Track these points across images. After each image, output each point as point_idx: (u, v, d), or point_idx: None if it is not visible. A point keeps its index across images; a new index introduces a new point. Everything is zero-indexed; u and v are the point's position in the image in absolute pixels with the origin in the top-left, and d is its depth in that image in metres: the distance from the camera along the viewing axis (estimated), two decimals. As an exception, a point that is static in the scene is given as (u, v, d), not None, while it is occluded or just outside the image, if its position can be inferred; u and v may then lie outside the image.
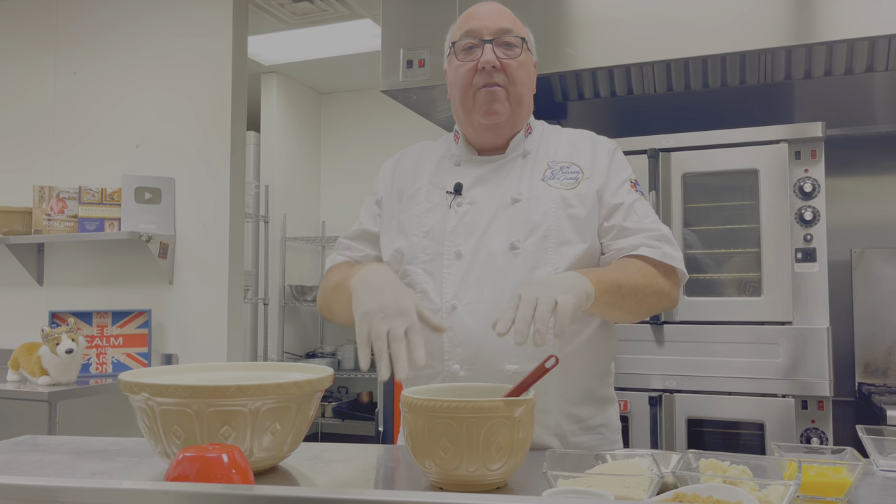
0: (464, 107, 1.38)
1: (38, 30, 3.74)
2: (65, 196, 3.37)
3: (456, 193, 1.37)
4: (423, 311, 1.14)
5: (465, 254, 1.32)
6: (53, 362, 2.85)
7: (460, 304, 1.29)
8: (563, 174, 1.37)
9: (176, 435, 0.97)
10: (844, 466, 0.90)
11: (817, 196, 2.17)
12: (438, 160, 1.46)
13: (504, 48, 1.35)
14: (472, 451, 0.92)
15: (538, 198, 1.34)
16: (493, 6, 1.39)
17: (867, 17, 2.08)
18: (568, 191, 1.35)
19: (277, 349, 5.25)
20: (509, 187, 1.36)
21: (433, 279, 1.33)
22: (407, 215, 1.40)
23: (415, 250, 1.36)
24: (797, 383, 2.10)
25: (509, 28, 1.36)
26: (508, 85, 1.34)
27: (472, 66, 1.34)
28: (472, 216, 1.35)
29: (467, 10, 1.40)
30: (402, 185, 1.46)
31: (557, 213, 1.33)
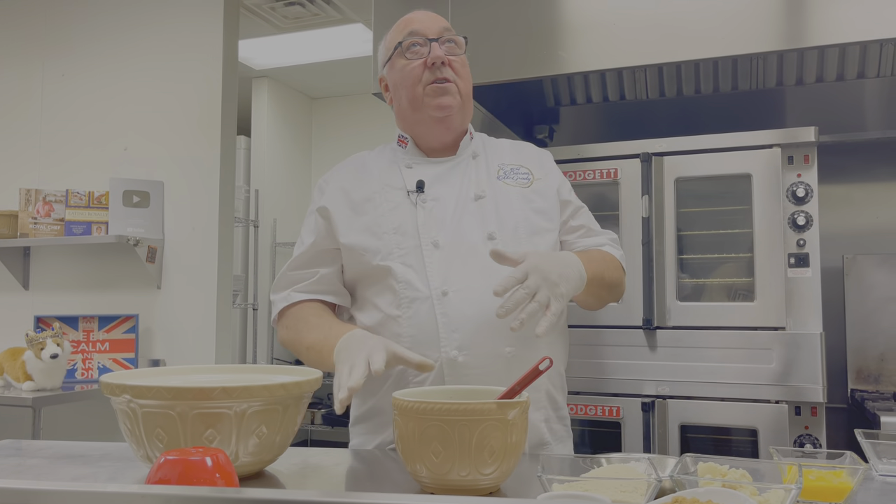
0: (412, 104, 1.39)
1: (25, 31, 3.70)
2: (52, 199, 3.33)
3: (419, 191, 1.38)
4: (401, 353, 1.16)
5: (443, 244, 1.33)
6: (38, 367, 2.80)
7: (451, 289, 1.29)
8: (515, 175, 1.43)
9: (159, 438, 0.94)
10: (845, 471, 0.88)
11: (810, 201, 2.16)
12: (387, 165, 1.45)
13: (448, 46, 1.39)
14: (465, 455, 0.90)
15: (499, 195, 1.39)
16: (430, 13, 1.44)
17: (859, 21, 2.08)
18: (525, 188, 1.42)
19: (266, 355, 5.21)
20: (469, 185, 1.40)
21: (413, 270, 1.32)
22: (368, 217, 1.38)
23: (389, 247, 1.35)
24: (790, 389, 2.09)
25: (450, 28, 1.41)
26: (457, 79, 1.38)
27: (419, 63, 1.37)
28: (440, 211, 1.36)
29: (402, 18, 1.44)
30: (351, 188, 1.43)
31: (522, 207, 1.39)
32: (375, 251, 1.35)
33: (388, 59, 1.43)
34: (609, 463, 0.92)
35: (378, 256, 1.35)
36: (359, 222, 1.38)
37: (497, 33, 2.46)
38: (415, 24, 1.40)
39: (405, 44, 1.38)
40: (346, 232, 1.39)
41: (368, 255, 1.35)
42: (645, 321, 2.23)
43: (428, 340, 1.28)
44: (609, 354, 2.27)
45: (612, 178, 2.33)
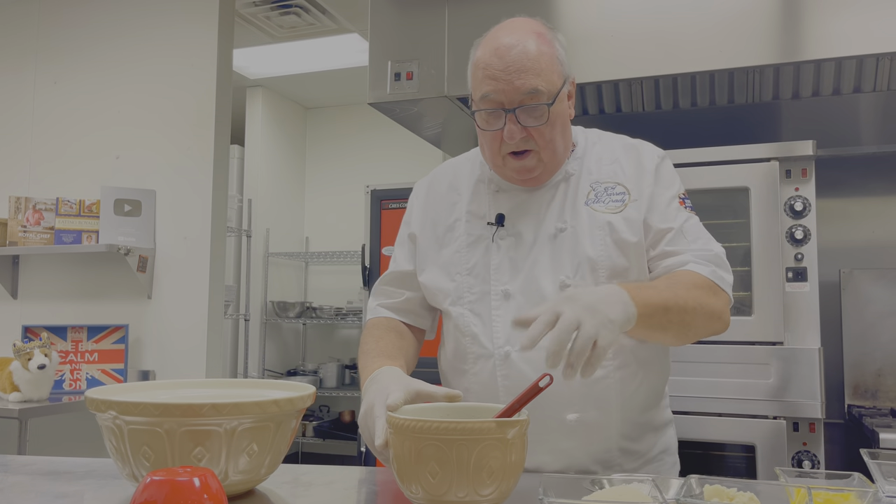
0: (493, 164, 1.28)
1: (18, 39, 3.67)
2: (41, 207, 3.29)
3: (498, 225, 1.28)
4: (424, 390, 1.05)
5: (513, 293, 1.24)
6: (25, 378, 2.76)
7: (513, 350, 1.22)
8: (607, 196, 1.27)
9: (145, 456, 0.91)
10: (853, 493, 0.86)
11: (808, 215, 2.14)
12: (475, 184, 1.35)
13: (529, 112, 1.19)
14: (462, 475, 0.87)
15: (583, 226, 1.25)
16: (513, 54, 1.19)
17: (855, 36, 2.08)
18: (614, 214, 1.25)
19: (258, 366, 5.16)
20: (552, 216, 1.27)
21: (481, 321, 1.26)
22: (448, 251, 1.31)
23: (460, 290, 1.28)
24: (788, 405, 2.07)
25: (534, 88, 1.18)
26: (541, 148, 1.22)
27: (497, 134, 1.22)
28: (517, 250, 1.26)
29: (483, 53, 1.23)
30: (438, 214, 1.36)
31: (605, 240, 1.23)
32: (446, 294, 1.29)
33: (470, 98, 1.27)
34: (611, 484, 0.89)
35: (448, 300, 1.29)
36: (439, 257, 1.32)
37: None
38: (490, 83, 1.19)
39: (479, 114, 1.23)
40: (425, 267, 1.34)
41: (440, 296, 1.30)
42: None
43: (490, 401, 1.18)
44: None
45: (608, 191, 2.32)
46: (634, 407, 1.25)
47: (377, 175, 4.70)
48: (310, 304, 5.35)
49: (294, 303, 5.25)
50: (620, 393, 1.22)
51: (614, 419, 1.22)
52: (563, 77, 1.23)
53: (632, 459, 1.27)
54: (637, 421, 1.27)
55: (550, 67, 1.20)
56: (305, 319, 5.30)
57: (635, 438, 1.27)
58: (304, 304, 5.32)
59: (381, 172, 5.12)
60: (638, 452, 1.27)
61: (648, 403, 1.29)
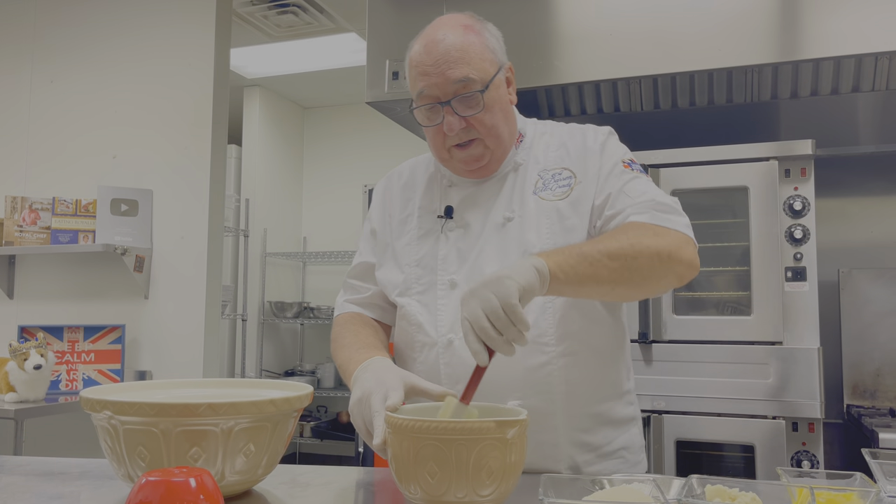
0: (439, 157, 1.29)
1: (14, 38, 3.65)
2: (38, 207, 3.28)
3: (447, 217, 1.29)
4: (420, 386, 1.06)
5: (459, 282, 1.24)
6: (21, 378, 2.74)
7: (457, 337, 1.21)
8: (554, 182, 1.27)
9: (140, 457, 0.90)
10: (855, 493, 0.85)
11: (807, 214, 2.14)
12: (428, 180, 1.37)
13: (466, 102, 1.21)
14: (462, 476, 0.86)
15: (531, 215, 1.25)
16: (441, 47, 1.21)
17: (854, 34, 2.07)
18: (561, 201, 1.25)
19: (255, 367, 5.15)
20: (500, 207, 1.27)
21: (427, 311, 1.26)
22: (400, 243, 1.33)
23: (408, 281, 1.29)
24: (787, 405, 2.06)
25: (465, 76, 1.19)
26: (483, 136, 1.24)
27: (438, 128, 1.23)
28: (465, 241, 1.27)
29: (414, 52, 1.25)
30: (394, 209, 1.39)
31: (552, 228, 1.23)
32: (395, 285, 1.30)
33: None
34: (612, 484, 0.88)
35: (397, 291, 1.30)
36: (391, 251, 1.34)
37: (492, 43, 2.44)
38: (423, 79, 1.21)
39: (418, 111, 1.24)
40: (382, 262, 1.35)
41: (390, 287, 1.32)
42: (641, 335, 2.20)
43: None
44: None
45: (607, 190, 2.31)
46: (584, 396, 1.23)
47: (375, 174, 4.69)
48: (307, 305, 5.34)
49: (292, 303, 5.24)
50: (565, 380, 1.20)
51: (559, 407, 1.21)
52: (497, 64, 1.25)
53: (584, 452, 1.24)
54: (588, 412, 1.24)
55: (481, 55, 1.22)
56: (303, 320, 5.29)
57: (587, 430, 1.24)
58: (302, 304, 5.31)
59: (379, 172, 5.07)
60: (591, 445, 1.25)
61: (602, 395, 1.27)
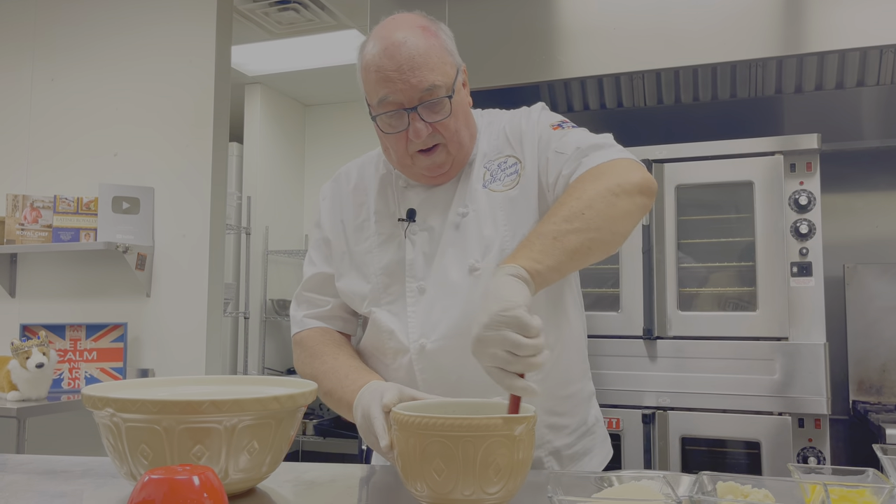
0: (401, 165, 1.25)
1: (15, 35, 3.65)
2: (39, 205, 3.27)
3: (409, 220, 1.25)
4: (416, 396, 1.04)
5: (428, 287, 1.22)
6: (23, 377, 2.74)
7: (429, 341, 1.19)
8: (501, 172, 1.25)
9: (143, 455, 0.89)
10: (868, 489, 0.84)
11: (813, 209, 2.12)
12: (380, 182, 1.32)
13: (432, 108, 1.18)
14: (469, 473, 0.85)
15: (483, 208, 1.22)
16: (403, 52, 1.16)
17: (859, 27, 2.06)
18: (511, 190, 1.22)
19: (258, 364, 5.14)
20: (455, 203, 1.25)
21: (398, 318, 1.23)
22: (359, 249, 1.29)
23: (376, 291, 1.25)
24: (793, 401, 2.05)
25: (431, 83, 1.16)
26: (447, 141, 1.21)
27: (401, 136, 1.19)
28: (429, 244, 1.24)
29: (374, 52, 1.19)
30: (346, 214, 1.33)
31: (508, 220, 1.21)
32: (363, 296, 1.26)
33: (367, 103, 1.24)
34: (620, 481, 0.87)
35: (366, 302, 1.26)
36: (351, 260, 1.29)
37: (494, 38, 2.43)
38: (387, 84, 1.16)
39: (380, 118, 1.20)
40: (341, 272, 1.31)
41: (357, 300, 1.28)
42: (645, 331, 2.19)
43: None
44: (608, 365, 2.23)
45: (611, 186, 2.29)
46: (556, 380, 1.23)
47: (377, 172, 4.67)
48: (309, 302, 5.32)
49: (294, 301, 5.23)
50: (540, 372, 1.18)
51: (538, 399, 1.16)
52: (455, 66, 1.22)
53: (563, 435, 1.25)
54: (561, 395, 1.25)
55: (442, 59, 1.19)
56: (305, 317, 5.27)
57: (562, 413, 1.25)
58: (304, 302, 5.30)
59: (381, 169, 5.08)
60: (569, 427, 1.26)
61: (571, 376, 1.27)
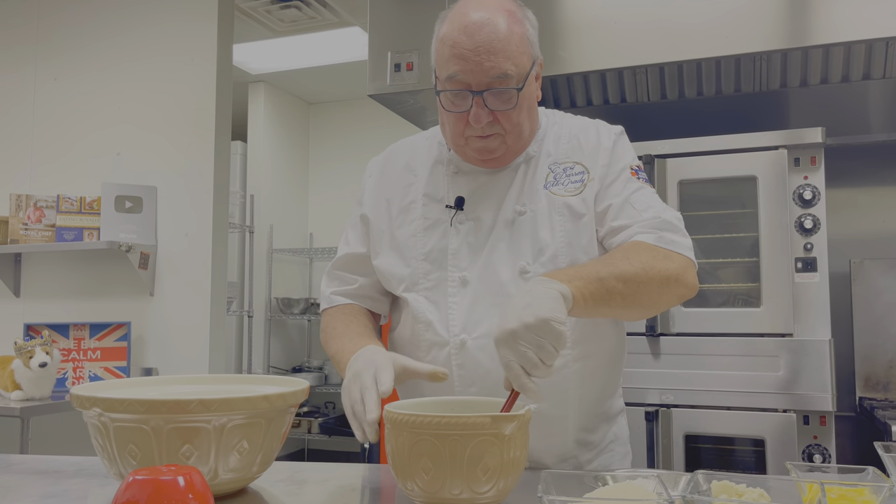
0: (454, 144, 1.23)
1: (18, 35, 3.65)
2: (42, 205, 3.27)
3: (458, 208, 1.22)
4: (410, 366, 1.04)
5: (471, 279, 1.19)
6: (27, 376, 2.74)
7: (470, 338, 1.17)
8: (566, 177, 1.22)
9: (131, 455, 0.88)
10: (867, 488, 0.82)
11: (817, 204, 2.10)
12: (432, 165, 1.29)
13: (497, 96, 1.14)
14: (456, 472, 0.83)
15: (542, 210, 1.20)
16: (483, 35, 1.12)
17: (865, 19, 2.03)
18: (573, 197, 1.20)
19: (263, 363, 5.14)
20: (511, 199, 1.22)
21: (437, 308, 1.20)
22: (402, 232, 1.25)
23: (415, 276, 1.22)
24: (798, 398, 2.03)
25: (503, 71, 1.13)
26: (507, 132, 1.18)
27: (461, 115, 1.16)
28: (476, 235, 1.21)
29: (451, 30, 1.15)
30: (392, 193, 1.30)
31: (566, 226, 1.19)
32: (401, 279, 1.23)
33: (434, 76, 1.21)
34: (615, 480, 0.86)
35: (403, 285, 1.23)
36: (393, 239, 1.26)
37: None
38: (458, 62, 1.13)
39: (444, 95, 1.17)
40: (379, 250, 1.27)
41: (394, 281, 1.24)
42: (648, 328, 2.17)
43: (446, 392, 1.15)
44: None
45: (613, 181, 2.27)
46: (592, 398, 1.23)
47: (381, 170, 4.65)
48: (314, 300, 5.33)
49: (298, 299, 5.23)
50: (579, 384, 1.19)
51: (572, 410, 1.20)
52: (533, 58, 1.18)
53: (587, 451, 1.24)
54: (594, 412, 1.24)
55: (520, 49, 1.15)
56: (310, 316, 5.27)
57: (591, 430, 1.24)
58: (309, 300, 5.30)
59: (385, 167, 5.06)
60: (592, 443, 1.25)
61: (606, 394, 1.26)
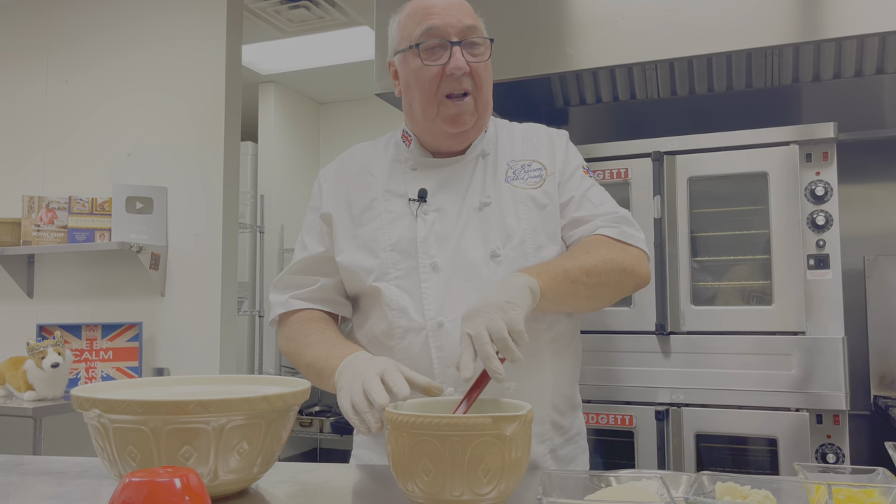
0: (425, 113, 1.26)
1: (29, 38, 3.68)
2: (55, 206, 3.29)
3: (421, 200, 1.26)
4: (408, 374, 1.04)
5: (442, 265, 1.22)
6: (39, 377, 2.76)
7: (447, 319, 1.19)
8: (525, 173, 1.30)
9: (131, 456, 0.87)
10: (876, 490, 0.80)
11: (830, 200, 2.07)
12: (390, 164, 1.34)
13: (471, 49, 1.23)
14: (457, 473, 0.82)
15: (506, 201, 1.27)
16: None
17: (878, 11, 2.00)
18: (535, 190, 1.28)
19: (275, 363, 5.15)
20: (474, 191, 1.28)
21: (409, 295, 1.22)
22: (367, 229, 1.28)
23: (385, 266, 1.24)
24: (811, 396, 2.00)
25: (474, 25, 1.24)
26: (476, 91, 1.24)
27: (437, 70, 1.21)
28: (442, 224, 1.25)
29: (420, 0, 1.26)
30: (351, 195, 1.32)
31: (530, 215, 1.26)
32: (370, 270, 1.25)
33: (401, 51, 1.27)
34: (619, 481, 0.84)
35: (372, 276, 1.24)
36: (357, 237, 1.28)
37: (502, 29, 2.39)
38: (434, 17, 1.22)
39: (423, 46, 1.22)
40: (343, 248, 1.29)
41: (363, 273, 1.25)
42: (658, 326, 2.15)
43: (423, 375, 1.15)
44: (621, 361, 2.19)
45: (622, 179, 2.26)
46: (564, 379, 1.29)
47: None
48: (326, 300, 5.32)
49: (310, 299, 5.23)
50: (554, 363, 1.25)
51: (548, 388, 1.25)
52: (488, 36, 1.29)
53: (559, 434, 1.29)
54: (565, 394, 1.30)
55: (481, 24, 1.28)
56: (322, 315, 5.28)
57: (563, 412, 1.29)
58: (321, 299, 5.30)
59: (396, 166, 5.06)
60: (563, 428, 1.30)
61: (573, 376, 1.33)
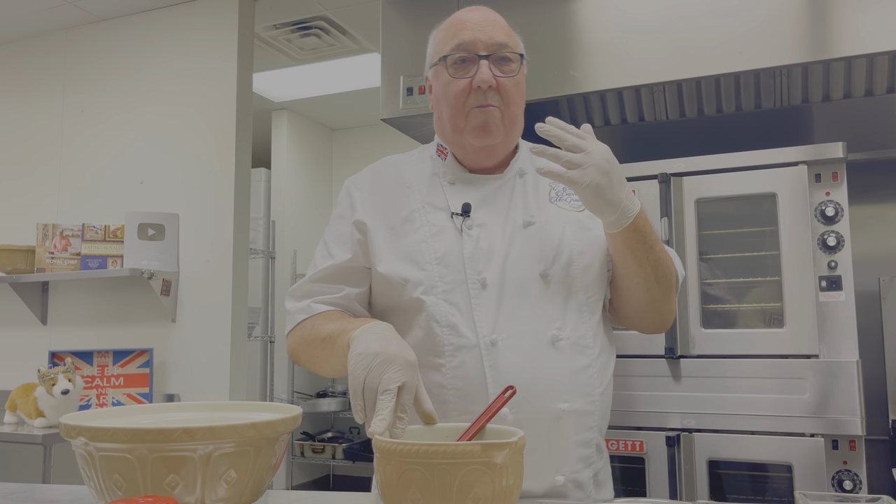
0: (454, 126, 1.25)
1: (46, 69, 3.75)
2: (68, 234, 3.33)
3: (465, 215, 1.24)
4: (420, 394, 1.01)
5: (490, 282, 1.19)
6: (49, 404, 2.76)
7: (500, 338, 1.16)
8: (567, 195, 1.29)
9: (117, 485, 0.86)
10: (881, 520, 0.77)
11: (841, 220, 2.04)
12: (429, 177, 1.30)
13: (500, 64, 1.23)
14: (446, 503, 0.80)
15: (551, 220, 1.25)
16: (487, 14, 1.27)
17: (888, 30, 1.98)
18: (579, 213, 1.27)
19: (287, 388, 5.14)
20: (517, 209, 1.26)
21: (459, 311, 1.18)
22: (408, 241, 1.23)
23: (432, 279, 1.20)
24: (826, 421, 1.95)
25: (505, 42, 1.24)
26: (503, 106, 1.24)
27: (465, 84, 1.22)
28: (487, 240, 1.22)
29: (456, 15, 1.27)
30: (388, 206, 1.28)
31: (577, 236, 1.24)
32: (417, 283, 1.20)
33: (434, 65, 1.28)
34: (612, 511, 0.82)
35: (420, 289, 1.20)
36: (397, 247, 1.23)
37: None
38: (465, 32, 1.23)
39: (451, 59, 1.23)
40: (383, 257, 1.23)
41: (409, 286, 1.20)
42: (667, 350, 2.11)
43: (475, 394, 1.14)
44: (630, 385, 2.16)
45: (629, 201, 2.24)
46: (609, 396, 1.27)
47: (402, 194, 4.66)
48: (339, 325, 5.32)
49: (323, 324, 5.23)
50: (601, 381, 1.23)
51: (597, 408, 1.22)
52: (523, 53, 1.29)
53: (600, 458, 1.26)
54: (607, 416, 1.27)
55: (517, 41, 1.29)
56: (335, 340, 5.27)
57: (603, 435, 1.27)
58: (334, 325, 5.29)
59: (407, 191, 5.08)
60: (602, 450, 1.27)
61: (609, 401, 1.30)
